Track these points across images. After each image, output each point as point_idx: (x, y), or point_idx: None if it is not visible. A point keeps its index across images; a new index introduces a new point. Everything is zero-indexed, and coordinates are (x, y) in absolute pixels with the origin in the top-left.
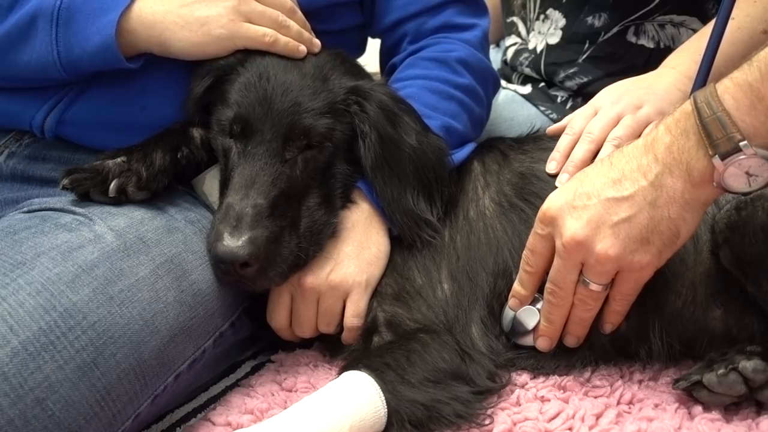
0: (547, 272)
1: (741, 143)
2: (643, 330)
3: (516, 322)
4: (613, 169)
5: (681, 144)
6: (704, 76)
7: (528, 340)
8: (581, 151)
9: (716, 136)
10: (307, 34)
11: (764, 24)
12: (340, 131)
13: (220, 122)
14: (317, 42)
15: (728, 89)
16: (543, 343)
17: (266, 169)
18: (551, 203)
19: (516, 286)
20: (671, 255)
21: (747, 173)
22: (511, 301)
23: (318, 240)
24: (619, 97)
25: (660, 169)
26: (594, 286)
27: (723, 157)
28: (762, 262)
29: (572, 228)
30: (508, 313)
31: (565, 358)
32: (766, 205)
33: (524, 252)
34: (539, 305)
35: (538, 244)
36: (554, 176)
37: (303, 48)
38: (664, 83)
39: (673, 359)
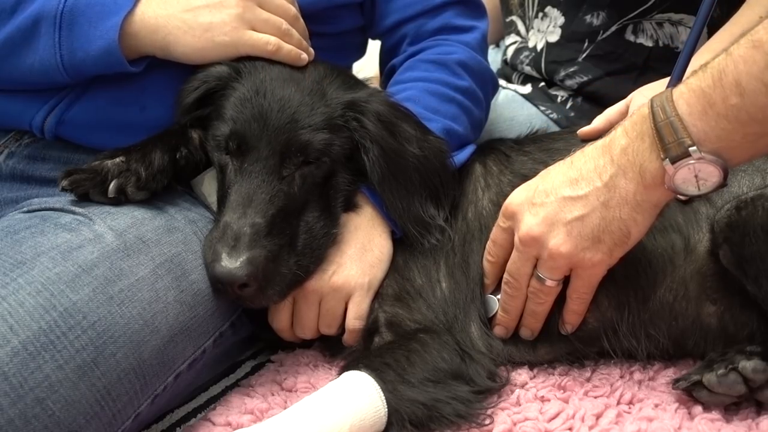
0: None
1: (690, 148)
2: (616, 325)
3: None
4: (572, 169)
5: (636, 146)
6: (678, 77)
7: None
8: None
9: (668, 140)
10: (305, 43)
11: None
12: (339, 145)
13: (216, 137)
14: (311, 50)
15: (683, 94)
16: (499, 331)
17: (263, 187)
18: (513, 198)
19: None
20: (623, 254)
21: (696, 177)
22: None
23: (318, 255)
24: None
25: (614, 171)
26: (548, 282)
27: (673, 161)
28: (762, 261)
29: (529, 223)
30: None
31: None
32: (766, 205)
33: (488, 243)
34: (500, 295)
35: (500, 236)
36: None
37: (305, 56)
38: None
39: (661, 354)
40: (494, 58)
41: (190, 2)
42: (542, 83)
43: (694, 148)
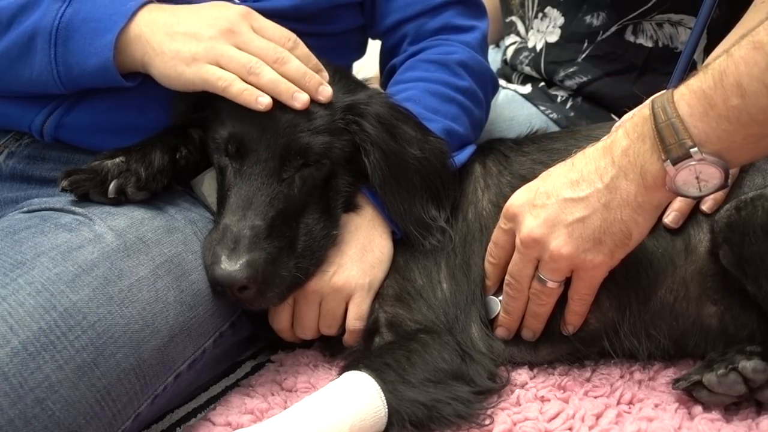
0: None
1: (692, 149)
2: (617, 326)
3: None
4: (573, 170)
5: (637, 148)
6: (679, 78)
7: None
8: None
9: (669, 142)
10: (309, 75)
11: None
12: (339, 148)
13: (215, 140)
14: (328, 91)
15: (684, 95)
16: (501, 333)
17: (263, 190)
18: (514, 200)
19: None
20: (624, 255)
21: (697, 178)
22: None
23: (318, 257)
24: None
25: (615, 172)
26: (549, 283)
27: (674, 162)
28: (762, 261)
29: (530, 225)
30: None
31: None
32: (766, 205)
33: (489, 244)
34: (501, 297)
35: (501, 237)
36: None
37: (264, 100)
38: None
39: (662, 354)
40: (494, 58)
41: (173, 26)
42: (542, 83)
43: (695, 149)
